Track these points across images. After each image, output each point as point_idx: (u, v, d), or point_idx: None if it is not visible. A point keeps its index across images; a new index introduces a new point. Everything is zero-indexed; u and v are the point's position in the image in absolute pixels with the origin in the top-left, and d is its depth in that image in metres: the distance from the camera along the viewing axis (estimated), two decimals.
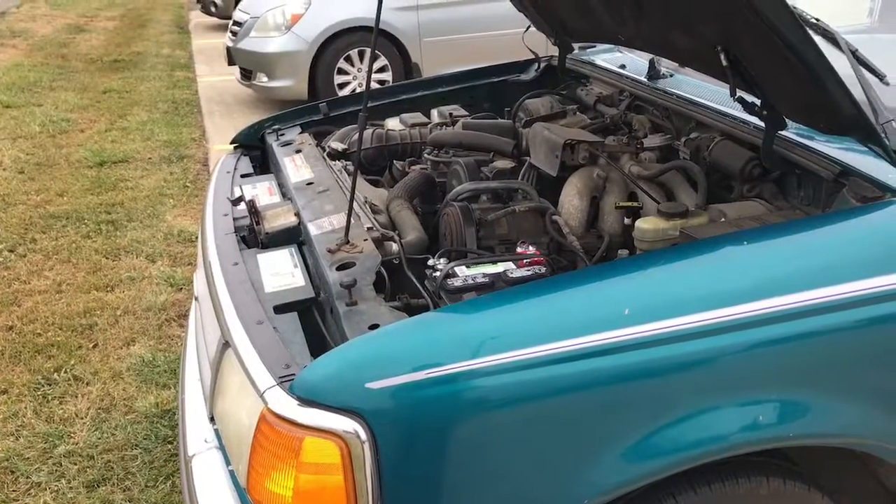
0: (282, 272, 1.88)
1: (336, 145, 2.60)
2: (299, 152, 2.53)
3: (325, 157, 2.51)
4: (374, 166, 2.74)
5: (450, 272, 1.74)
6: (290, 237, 2.03)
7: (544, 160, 2.26)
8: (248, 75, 7.35)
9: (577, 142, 2.24)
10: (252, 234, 2.08)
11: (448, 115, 2.89)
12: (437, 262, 1.81)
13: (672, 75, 2.58)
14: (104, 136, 6.68)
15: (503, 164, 2.38)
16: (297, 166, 2.42)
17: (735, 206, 1.97)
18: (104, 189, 5.42)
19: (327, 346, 1.59)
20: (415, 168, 2.54)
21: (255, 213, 2.07)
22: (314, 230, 1.97)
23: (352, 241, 1.85)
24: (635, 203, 2.16)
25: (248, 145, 2.81)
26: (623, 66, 2.80)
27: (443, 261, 1.83)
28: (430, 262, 1.83)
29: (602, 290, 1.51)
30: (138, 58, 10.34)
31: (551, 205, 2.16)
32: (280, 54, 7.00)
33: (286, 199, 2.27)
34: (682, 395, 1.45)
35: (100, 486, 2.66)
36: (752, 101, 1.85)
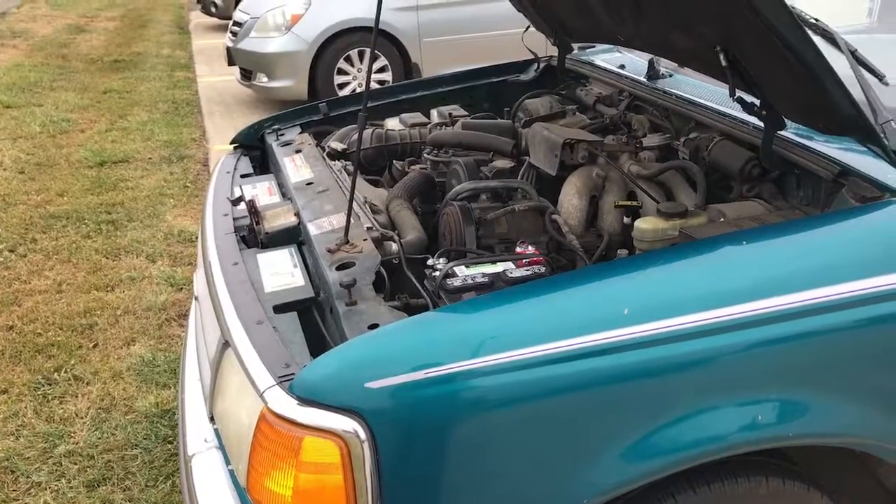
0: (281, 272, 1.88)
1: (336, 145, 2.60)
2: (299, 152, 2.54)
3: (325, 157, 2.51)
4: (374, 166, 2.74)
5: (449, 272, 1.74)
6: (289, 237, 2.04)
7: (544, 160, 2.27)
8: (248, 75, 7.35)
9: (576, 141, 2.24)
10: (252, 234, 2.08)
11: (448, 115, 2.89)
12: (437, 262, 1.82)
13: (671, 75, 2.58)
14: (104, 137, 6.68)
15: (503, 163, 2.38)
16: (297, 166, 2.42)
17: (734, 206, 1.97)
18: (104, 189, 5.43)
19: (327, 345, 1.59)
20: (414, 168, 2.54)
21: (255, 213, 2.07)
22: (314, 230, 1.97)
23: (351, 240, 1.85)
24: (635, 202, 2.17)
25: (248, 145, 2.81)
26: (622, 67, 2.80)
27: (442, 260, 1.84)
28: (429, 262, 1.83)
29: (601, 289, 1.51)
30: (138, 58, 10.34)
31: (551, 204, 2.16)
32: (280, 54, 7.00)
33: (286, 199, 2.27)
34: (681, 395, 1.45)
35: (100, 486, 2.66)
36: (751, 102, 1.85)
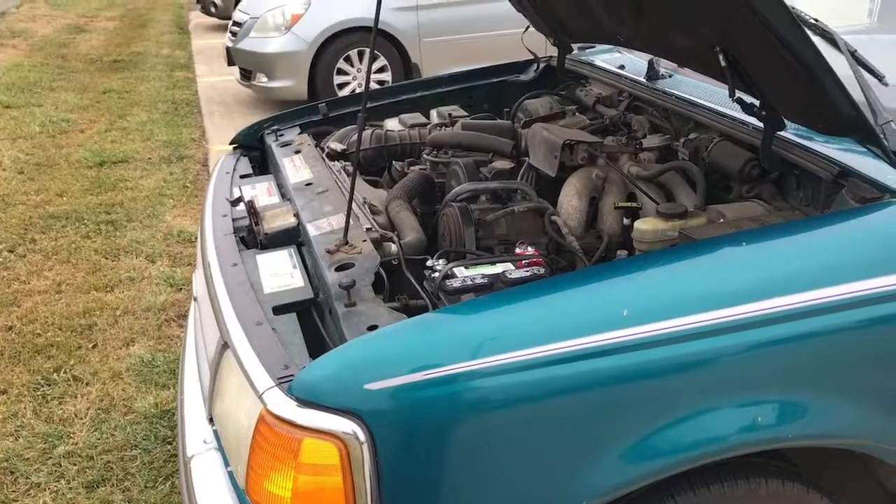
0: (281, 273, 1.88)
1: (335, 146, 2.60)
2: (298, 153, 2.53)
3: (325, 157, 2.51)
4: (374, 167, 2.74)
5: (448, 273, 1.74)
6: (289, 238, 2.03)
7: (543, 161, 2.26)
8: (247, 75, 7.35)
9: (575, 142, 2.24)
10: (251, 235, 2.08)
11: (447, 115, 2.89)
12: (436, 263, 1.82)
13: (671, 76, 2.58)
14: (104, 137, 6.68)
15: (502, 164, 2.38)
16: (297, 167, 2.42)
17: (734, 207, 1.97)
18: (104, 189, 5.42)
19: (326, 346, 1.59)
20: (414, 169, 2.54)
21: (255, 213, 2.07)
22: (313, 231, 1.97)
23: (351, 241, 1.85)
24: (634, 203, 2.17)
25: (248, 146, 2.81)
26: (622, 67, 2.80)
27: (442, 262, 1.83)
28: (428, 263, 1.83)
29: (601, 291, 1.51)
30: (138, 58, 10.34)
31: (550, 205, 2.16)
32: (280, 54, 7.00)
33: (285, 199, 2.27)
34: (680, 396, 1.45)
35: (99, 487, 2.66)
36: (750, 102, 1.85)
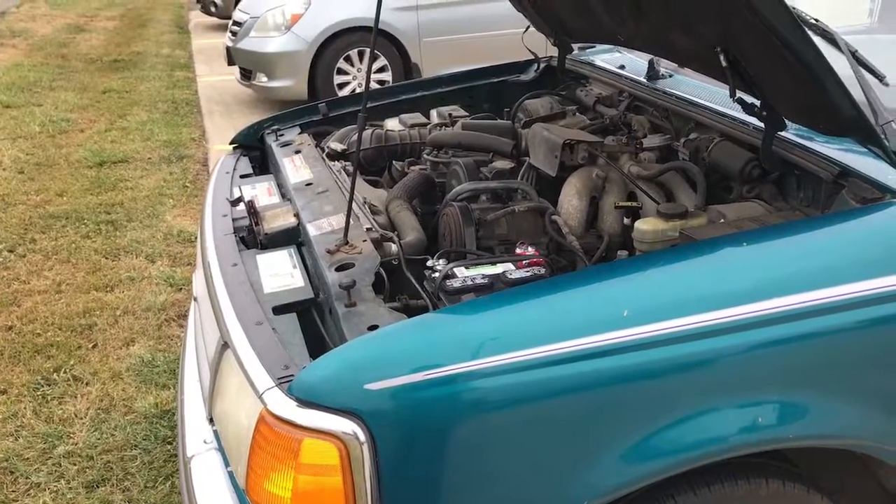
0: (281, 273, 1.88)
1: (335, 146, 2.60)
2: (298, 153, 2.53)
3: (325, 157, 2.51)
4: (374, 167, 2.74)
5: (449, 273, 1.74)
6: (289, 238, 2.03)
7: (543, 160, 2.26)
8: (247, 75, 7.35)
9: (576, 142, 2.24)
10: (251, 235, 2.08)
11: (447, 115, 2.88)
12: (437, 263, 1.81)
13: (671, 76, 2.58)
14: (104, 136, 6.68)
15: (502, 164, 2.38)
16: (297, 167, 2.42)
17: (734, 207, 1.97)
18: (104, 189, 5.42)
19: (326, 347, 1.59)
20: (414, 168, 2.54)
21: (255, 213, 2.07)
22: (313, 231, 1.97)
23: (351, 241, 1.84)
24: (635, 203, 2.16)
25: (248, 146, 2.80)
26: (622, 67, 2.80)
27: (442, 262, 1.83)
28: (429, 263, 1.83)
29: (601, 291, 1.51)
30: (138, 58, 10.34)
31: (551, 205, 2.15)
32: (280, 54, 7.00)
33: (285, 199, 2.27)
34: (681, 397, 1.44)
35: (99, 487, 2.66)
36: (751, 102, 1.85)
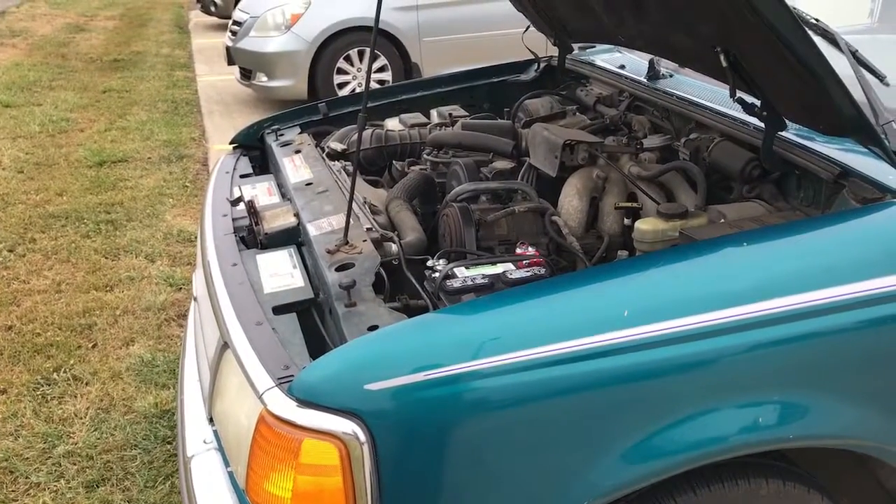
0: (281, 273, 1.88)
1: (335, 145, 2.60)
2: (298, 152, 2.53)
3: (325, 157, 2.50)
4: (374, 167, 2.74)
5: (449, 273, 1.74)
6: (289, 238, 2.03)
7: (544, 161, 2.26)
8: (247, 75, 7.35)
9: (576, 142, 2.23)
10: (251, 235, 2.08)
11: (447, 115, 2.89)
12: (437, 263, 1.81)
13: (672, 76, 2.58)
14: (104, 136, 6.68)
15: (503, 164, 2.38)
16: (297, 167, 2.42)
17: (735, 207, 1.97)
18: (103, 189, 5.42)
19: (326, 347, 1.59)
20: (414, 168, 2.54)
21: (255, 213, 2.07)
22: (313, 231, 1.97)
23: (351, 241, 1.84)
24: (635, 203, 2.16)
25: (248, 145, 2.80)
26: (623, 67, 2.80)
27: (442, 262, 1.83)
28: (429, 263, 1.83)
29: (601, 291, 1.50)
30: (138, 57, 10.34)
31: (551, 205, 2.15)
32: (280, 54, 7.00)
33: (285, 199, 2.27)
34: (681, 397, 1.44)
35: (99, 487, 2.66)
36: (751, 102, 1.85)
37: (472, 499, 1.39)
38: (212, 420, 1.79)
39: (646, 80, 2.58)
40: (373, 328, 1.52)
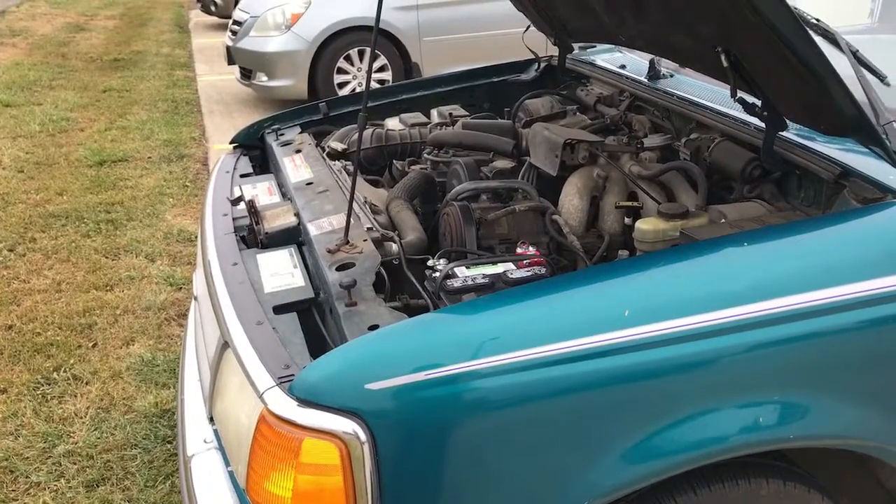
0: (281, 272, 1.88)
1: (336, 145, 2.60)
2: (299, 152, 2.53)
3: (325, 156, 2.50)
4: (374, 166, 2.74)
5: (449, 273, 1.74)
6: (289, 237, 2.03)
7: (544, 160, 2.26)
8: (247, 75, 7.35)
9: (576, 141, 2.23)
10: (251, 234, 2.08)
11: (448, 115, 2.89)
12: (437, 263, 1.81)
13: (672, 76, 2.58)
14: (104, 136, 6.68)
15: (503, 163, 2.38)
16: (297, 166, 2.41)
17: (735, 207, 1.97)
18: (104, 188, 5.42)
19: (327, 346, 1.59)
20: (414, 168, 2.54)
21: (255, 213, 2.07)
22: (314, 230, 1.96)
23: (351, 241, 1.84)
24: (636, 203, 2.16)
25: (248, 145, 2.80)
26: (623, 67, 2.80)
27: (442, 261, 1.83)
28: (429, 263, 1.83)
29: (602, 291, 1.50)
30: (138, 57, 10.34)
31: (551, 205, 2.15)
32: (280, 54, 7.00)
33: (286, 199, 2.27)
34: (682, 397, 1.44)
35: (99, 486, 2.66)
36: (752, 102, 1.85)
37: (472, 498, 1.39)
38: (212, 419, 1.79)
39: (646, 80, 2.58)
40: (373, 328, 1.52)
